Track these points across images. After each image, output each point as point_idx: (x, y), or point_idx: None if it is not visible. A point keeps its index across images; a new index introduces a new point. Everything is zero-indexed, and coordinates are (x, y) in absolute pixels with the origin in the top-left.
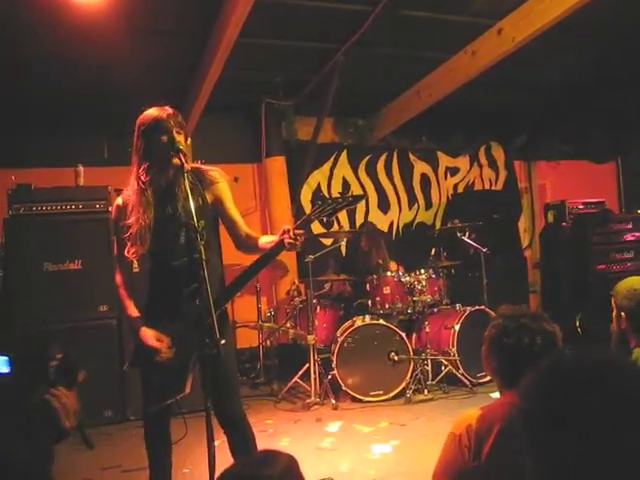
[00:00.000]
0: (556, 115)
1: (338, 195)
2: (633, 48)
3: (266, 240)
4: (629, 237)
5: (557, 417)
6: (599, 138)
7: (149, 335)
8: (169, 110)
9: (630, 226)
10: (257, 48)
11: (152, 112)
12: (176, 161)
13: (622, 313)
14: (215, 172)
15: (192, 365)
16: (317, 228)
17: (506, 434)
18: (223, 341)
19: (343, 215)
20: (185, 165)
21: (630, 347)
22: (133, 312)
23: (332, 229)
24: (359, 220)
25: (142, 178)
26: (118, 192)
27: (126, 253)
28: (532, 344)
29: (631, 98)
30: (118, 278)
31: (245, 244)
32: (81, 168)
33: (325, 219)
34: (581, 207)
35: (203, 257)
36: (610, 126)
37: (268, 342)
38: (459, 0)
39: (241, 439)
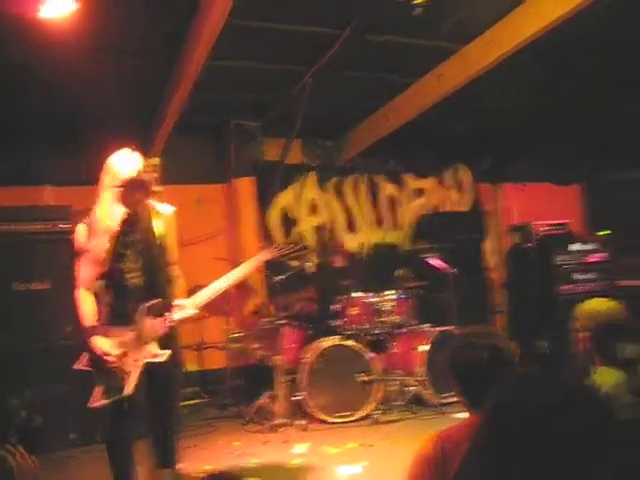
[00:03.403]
0: (522, 138)
1: (286, 245)
2: (599, 74)
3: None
4: (592, 258)
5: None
6: (565, 161)
7: (101, 343)
8: (148, 176)
9: (593, 247)
10: (226, 69)
11: (131, 170)
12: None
13: (585, 334)
14: (164, 206)
15: (140, 372)
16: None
17: (473, 455)
18: (169, 352)
19: (311, 235)
20: (149, 201)
21: (594, 366)
22: (89, 322)
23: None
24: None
25: (109, 206)
26: (82, 212)
27: (89, 273)
28: (479, 360)
29: (596, 122)
30: (77, 294)
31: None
32: (47, 187)
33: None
34: (546, 229)
35: (158, 278)
36: (575, 149)
37: (235, 363)
38: (426, 25)
39: (164, 439)
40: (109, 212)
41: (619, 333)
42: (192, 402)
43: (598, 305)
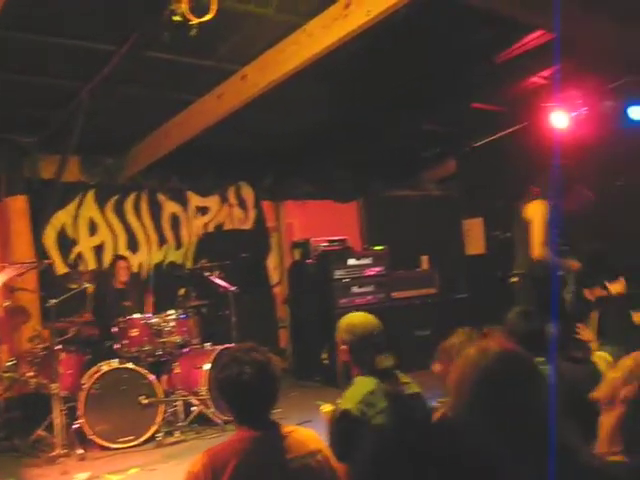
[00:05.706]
0: (301, 157)
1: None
2: (373, 97)
3: None
4: (369, 272)
5: None
6: (342, 179)
7: None
8: None
9: (370, 262)
10: None
11: None
12: None
13: (344, 346)
14: None
15: None
16: (61, 268)
17: (242, 468)
18: None
19: (90, 255)
20: None
21: (352, 376)
22: None
23: (78, 269)
24: (106, 261)
25: None
26: None
27: None
28: (241, 374)
29: (370, 142)
30: None
31: None
32: None
33: None
34: (325, 245)
35: None
36: (352, 168)
37: (9, 393)
38: (204, 45)
39: None
40: None
41: (374, 344)
42: None
43: (355, 318)
